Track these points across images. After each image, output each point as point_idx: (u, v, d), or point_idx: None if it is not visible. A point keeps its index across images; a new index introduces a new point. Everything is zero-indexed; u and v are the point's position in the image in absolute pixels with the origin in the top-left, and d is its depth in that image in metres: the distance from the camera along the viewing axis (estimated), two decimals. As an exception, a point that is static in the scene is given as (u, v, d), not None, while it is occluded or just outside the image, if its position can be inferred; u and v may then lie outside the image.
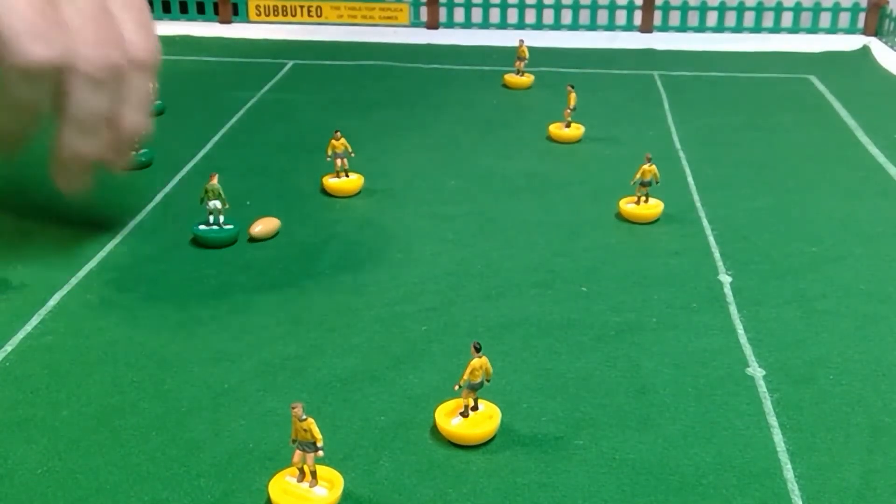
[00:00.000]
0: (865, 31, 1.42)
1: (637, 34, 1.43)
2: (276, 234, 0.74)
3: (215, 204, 0.73)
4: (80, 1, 0.65)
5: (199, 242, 0.72)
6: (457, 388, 0.51)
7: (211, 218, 0.73)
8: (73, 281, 0.67)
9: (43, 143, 0.63)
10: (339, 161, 0.82)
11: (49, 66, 0.63)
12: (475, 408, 0.52)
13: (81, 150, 0.68)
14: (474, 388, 0.51)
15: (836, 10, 1.42)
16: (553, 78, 1.17)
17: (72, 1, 0.64)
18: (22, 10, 0.62)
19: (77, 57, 0.64)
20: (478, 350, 0.51)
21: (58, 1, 0.64)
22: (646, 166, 0.78)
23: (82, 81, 0.64)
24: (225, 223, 0.73)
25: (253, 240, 0.73)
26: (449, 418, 0.51)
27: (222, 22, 1.45)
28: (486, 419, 0.51)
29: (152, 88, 0.71)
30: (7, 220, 0.77)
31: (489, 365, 0.51)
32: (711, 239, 0.74)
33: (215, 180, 0.73)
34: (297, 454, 0.46)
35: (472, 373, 0.51)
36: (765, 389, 0.56)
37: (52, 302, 0.64)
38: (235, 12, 1.45)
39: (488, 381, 0.52)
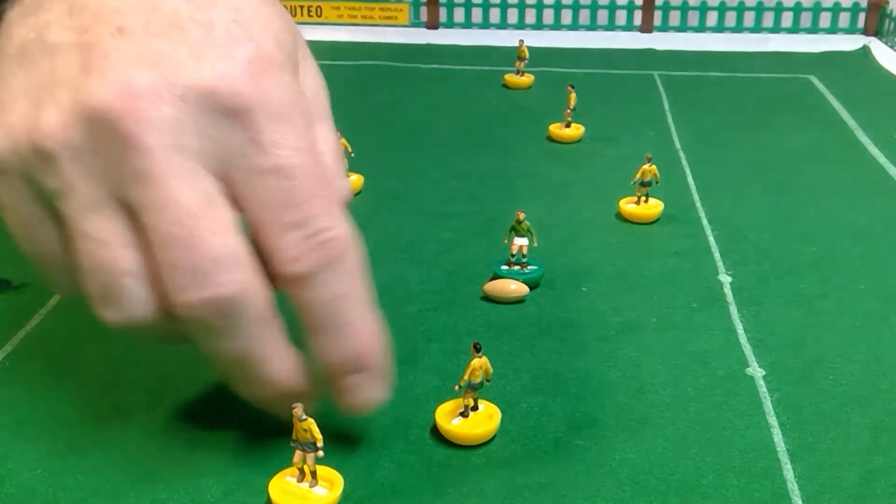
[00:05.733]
0: (865, 31, 1.42)
1: (637, 34, 1.43)
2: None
3: (521, 242, 0.67)
4: (159, 234, 0.43)
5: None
6: (457, 388, 0.51)
7: (513, 258, 0.67)
8: (73, 281, 0.67)
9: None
10: (339, 161, 0.82)
11: (131, 325, 0.46)
12: (475, 408, 0.52)
13: (249, 394, 0.49)
14: (474, 388, 0.51)
15: (836, 10, 1.42)
16: (553, 78, 1.17)
17: (156, 244, 0.44)
18: (91, 274, 0.45)
19: (170, 305, 0.45)
20: (478, 350, 0.51)
21: (150, 242, 0.44)
22: (646, 166, 0.78)
23: (188, 327, 0.45)
24: (529, 263, 0.67)
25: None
26: (449, 418, 0.51)
27: (222, 22, 1.45)
28: (486, 419, 0.51)
29: (359, 285, 0.49)
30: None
31: (489, 365, 0.51)
32: (711, 239, 0.74)
33: (522, 216, 0.67)
34: (297, 454, 0.46)
35: (472, 373, 0.51)
36: (765, 389, 0.56)
37: (52, 302, 0.64)
38: (235, 12, 1.45)
39: (488, 381, 0.52)
